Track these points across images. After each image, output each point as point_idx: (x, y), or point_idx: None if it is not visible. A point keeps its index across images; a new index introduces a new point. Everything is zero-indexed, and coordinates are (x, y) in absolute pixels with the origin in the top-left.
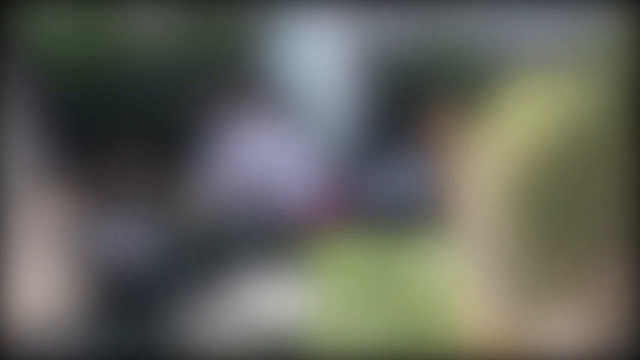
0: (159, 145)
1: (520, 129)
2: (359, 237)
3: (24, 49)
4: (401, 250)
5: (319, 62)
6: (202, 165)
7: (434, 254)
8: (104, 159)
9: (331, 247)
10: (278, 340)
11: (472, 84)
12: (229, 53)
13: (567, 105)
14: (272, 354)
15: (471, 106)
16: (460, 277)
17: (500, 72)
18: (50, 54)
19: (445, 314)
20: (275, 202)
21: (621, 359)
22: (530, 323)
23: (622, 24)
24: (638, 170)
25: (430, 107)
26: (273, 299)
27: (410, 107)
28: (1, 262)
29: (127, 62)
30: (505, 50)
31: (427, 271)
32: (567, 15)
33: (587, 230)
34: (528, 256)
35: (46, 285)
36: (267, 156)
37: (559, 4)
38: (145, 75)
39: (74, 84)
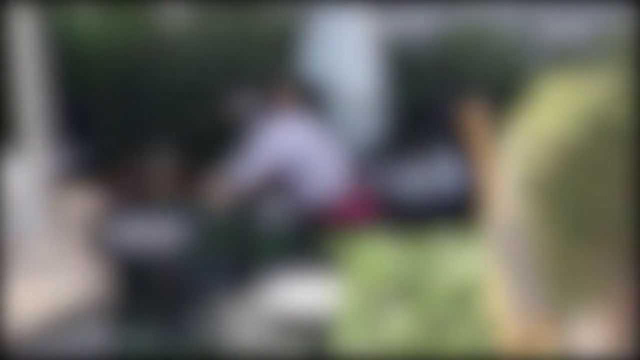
0: (189, 141)
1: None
2: (388, 234)
3: (58, 47)
4: (429, 248)
5: (351, 60)
6: (232, 161)
7: (462, 253)
8: (134, 155)
9: (360, 244)
10: (307, 334)
11: (500, 81)
12: (259, 50)
13: (597, 100)
14: (300, 348)
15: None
16: (487, 277)
17: (530, 67)
18: (86, 50)
19: (471, 312)
20: (305, 198)
21: None
22: (557, 325)
23: None
24: None
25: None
26: (303, 295)
27: (440, 106)
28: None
29: (157, 59)
30: (534, 46)
31: (455, 269)
32: (594, 11)
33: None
34: (557, 256)
35: (76, 281)
36: (296, 153)
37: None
38: (175, 71)
39: (104, 79)
